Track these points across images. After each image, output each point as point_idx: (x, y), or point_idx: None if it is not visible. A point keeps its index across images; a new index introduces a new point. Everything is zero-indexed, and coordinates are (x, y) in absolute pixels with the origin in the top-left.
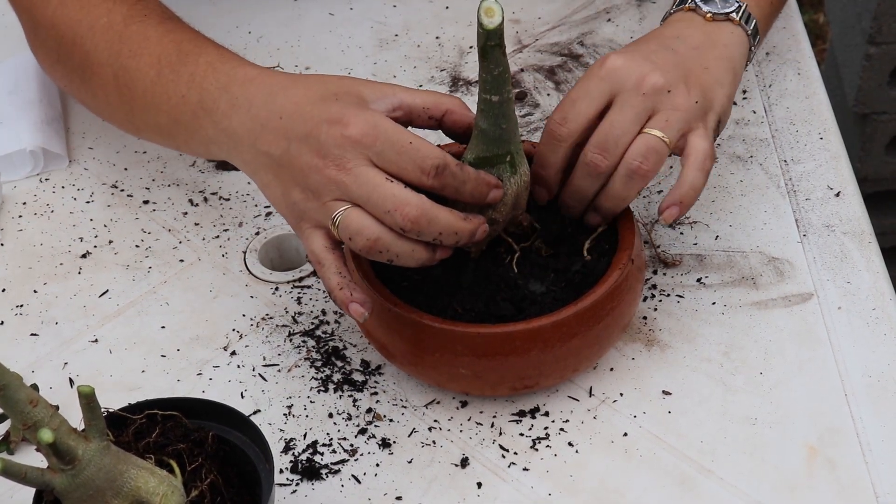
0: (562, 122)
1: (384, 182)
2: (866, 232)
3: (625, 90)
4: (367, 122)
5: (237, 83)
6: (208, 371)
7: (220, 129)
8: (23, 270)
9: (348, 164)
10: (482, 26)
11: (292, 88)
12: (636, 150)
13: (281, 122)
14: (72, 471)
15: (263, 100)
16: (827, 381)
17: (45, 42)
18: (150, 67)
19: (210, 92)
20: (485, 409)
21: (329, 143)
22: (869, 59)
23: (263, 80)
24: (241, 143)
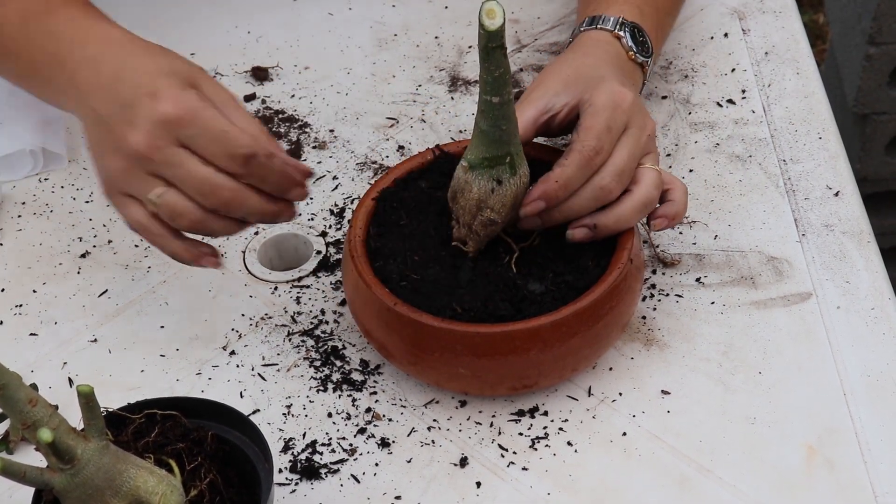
0: (599, 150)
1: (197, 166)
2: (865, 232)
3: (634, 126)
4: (183, 105)
5: (93, 40)
6: (207, 371)
7: (68, 80)
8: (22, 270)
9: (160, 143)
10: (483, 28)
11: (140, 57)
12: (650, 181)
13: (115, 85)
14: (71, 470)
15: (110, 60)
16: (826, 380)
17: None
18: (16, 15)
19: (66, 44)
20: (484, 409)
21: (143, 116)
22: (869, 59)
23: (118, 42)
24: (82, 98)
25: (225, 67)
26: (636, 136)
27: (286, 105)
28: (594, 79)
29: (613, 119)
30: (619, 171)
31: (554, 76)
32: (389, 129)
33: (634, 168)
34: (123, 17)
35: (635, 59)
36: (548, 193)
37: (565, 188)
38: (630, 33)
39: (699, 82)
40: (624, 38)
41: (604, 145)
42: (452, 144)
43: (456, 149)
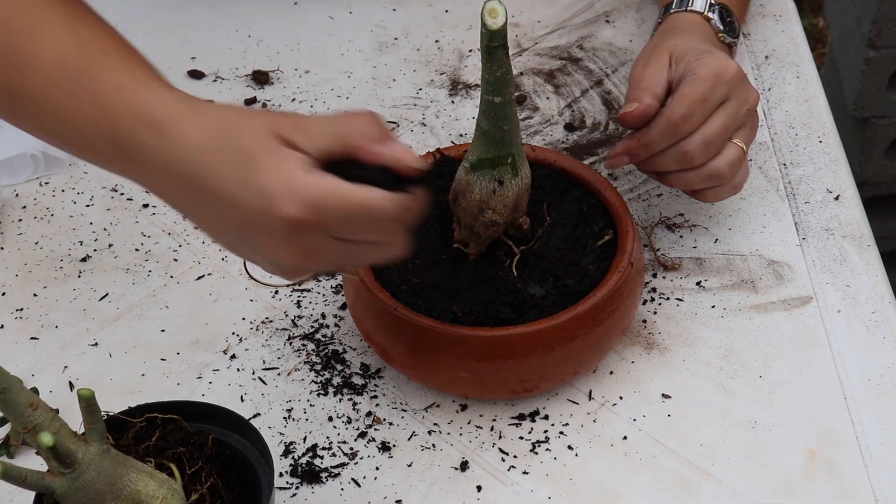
0: (687, 118)
1: (356, 251)
2: (865, 235)
3: (735, 99)
4: (304, 203)
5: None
6: (208, 374)
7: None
8: (23, 274)
9: (306, 248)
10: (486, 27)
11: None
12: (727, 158)
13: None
14: (72, 474)
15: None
16: (826, 384)
17: None
18: (49, 63)
19: (124, 128)
20: (484, 413)
21: (280, 229)
22: (869, 62)
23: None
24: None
25: (226, 71)
26: (734, 108)
27: (287, 109)
28: (700, 51)
29: (712, 91)
30: (706, 140)
31: (656, 59)
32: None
33: (725, 140)
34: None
35: (723, 41)
36: (630, 150)
37: (646, 148)
38: (719, 14)
39: None
40: (713, 19)
41: (694, 114)
42: (453, 148)
43: (456, 152)
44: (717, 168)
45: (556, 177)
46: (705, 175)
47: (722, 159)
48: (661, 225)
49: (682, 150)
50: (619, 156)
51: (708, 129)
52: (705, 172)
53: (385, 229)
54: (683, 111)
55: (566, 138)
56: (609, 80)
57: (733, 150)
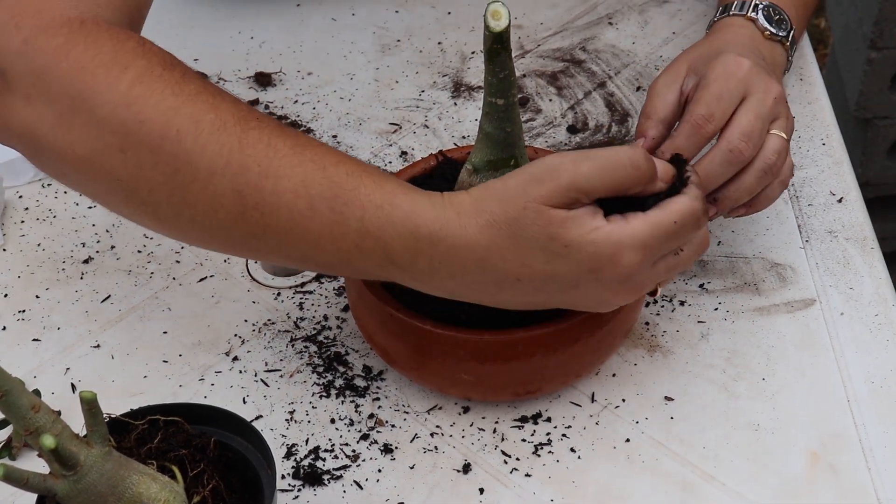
0: (709, 118)
1: (679, 259)
2: (868, 237)
3: (757, 92)
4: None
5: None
6: (210, 376)
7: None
8: (25, 275)
9: (643, 280)
10: (489, 29)
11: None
12: (772, 147)
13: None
14: (74, 476)
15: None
16: (829, 386)
17: (104, 122)
18: (297, 197)
19: (397, 247)
20: (487, 415)
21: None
22: (870, 63)
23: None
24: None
25: (228, 73)
26: (759, 100)
27: (289, 111)
28: (713, 56)
29: (726, 87)
30: (745, 132)
31: (671, 71)
32: (392, 135)
33: (765, 130)
34: None
35: (773, 38)
36: None
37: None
38: (764, 14)
39: None
40: (757, 18)
41: (714, 112)
42: (455, 150)
43: (459, 154)
44: (767, 158)
45: None
46: (759, 169)
47: (768, 149)
48: None
49: (726, 149)
50: None
51: (742, 121)
52: (758, 166)
53: (697, 226)
54: (703, 111)
55: (569, 140)
56: (612, 82)
57: (775, 140)
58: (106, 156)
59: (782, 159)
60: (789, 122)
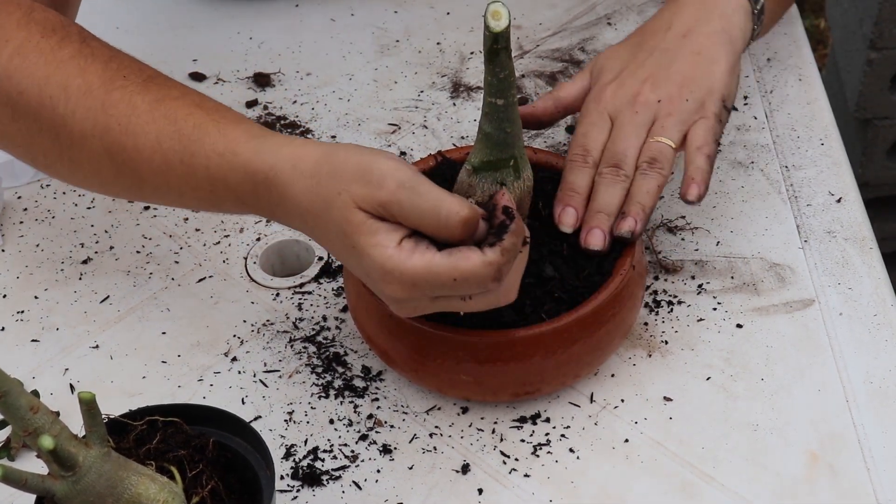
0: (585, 153)
1: (465, 304)
2: (867, 238)
3: (622, 112)
4: (402, 284)
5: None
6: (209, 377)
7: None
8: (24, 276)
9: (419, 308)
10: (489, 29)
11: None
12: (644, 155)
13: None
14: (72, 477)
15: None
16: (828, 387)
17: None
18: (153, 153)
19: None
20: (486, 415)
21: (388, 298)
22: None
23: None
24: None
25: (227, 73)
26: (623, 122)
27: (288, 111)
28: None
29: (590, 120)
30: (608, 160)
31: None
32: (391, 135)
33: (636, 146)
34: (127, 23)
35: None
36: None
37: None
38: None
39: None
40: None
41: (586, 146)
42: (454, 150)
43: (458, 155)
44: (641, 167)
45: (558, 179)
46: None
47: (641, 157)
48: (663, 227)
49: (601, 178)
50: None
51: (608, 152)
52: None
53: (483, 287)
54: (577, 150)
55: (568, 141)
56: None
57: (647, 147)
58: (4, 125)
59: (660, 159)
60: (669, 118)
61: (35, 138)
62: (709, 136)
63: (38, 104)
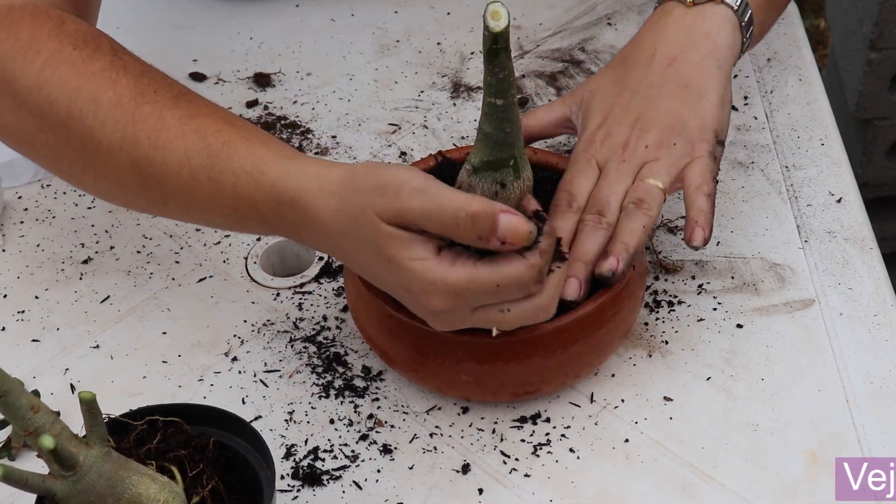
0: (570, 199)
1: (504, 315)
2: (868, 238)
3: (610, 160)
4: (446, 295)
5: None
6: (209, 377)
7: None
8: (24, 276)
9: (458, 320)
10: (488, 29)
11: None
12: (630, 196)
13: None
14: (73, 477)
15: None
16: (828, 387)
17: (24, 105)
18: (181, 167)
19: (268, 212)
20: (486, 415)
21: (431, 311)
22: (870, 64)
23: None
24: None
25: (227, 74)
26: (609, 171)
27: (288, 111)
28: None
29: (578, 169)
30: (591, 207)
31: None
32: (392, 136)
33: (615, 196)
34: (127, 23)
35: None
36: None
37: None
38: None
39: None
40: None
41: (572, 192)
42: (454, 150)
43: (458, 155)
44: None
45: (557, 179)
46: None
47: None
48: (663, 227)
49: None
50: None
51: (592, 200)
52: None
53: (525, 291)
54: (563, 197)
55: (568, 141)
56: None
57: (633, 189)
58: (31, 135)
59: (646, 199)
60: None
61: (62, 149)
62: (706, 175)
63: (67, 115)
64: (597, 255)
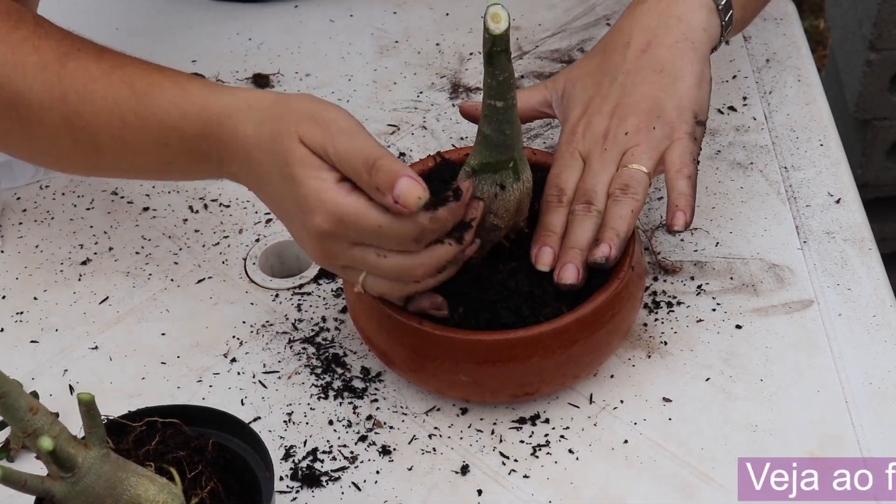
0: (560, 193)
1: (378, 260)
2: (867, 238)
3: (592, 150)
4: (331, 216)
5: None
6: (208, 378)
7: (216, 169)
8: (23, 277)
9: (333, 251)
10: (488, 31)
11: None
12: (616, 183)
13: (267, 195)
14: (72, 478)
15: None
16: (827, 387)
17: None
18: (111, 115)
19: (192, 134)
20: (485, 416)
21: (312, 233)
22: (869, 64)
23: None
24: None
25: (226, 74)
26: (594, 160)
27: None
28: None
29: (563, 163)
30: (579, 198)
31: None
32: (391, 136)
33: (601, 186)
34: (126, 24)
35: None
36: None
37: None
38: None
39: None
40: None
41: (560, 186)
42: (453, 151)
43: (457, 156)
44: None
45: None
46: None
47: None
48: (662, 228)
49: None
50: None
51: (579, 191)
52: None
53: (403, 245)
54: (552, 191)
55: None
56: None
57: (617, 175)
58: None
59: (632, 185)
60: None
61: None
62: (685, 157)
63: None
64: (590, 241)
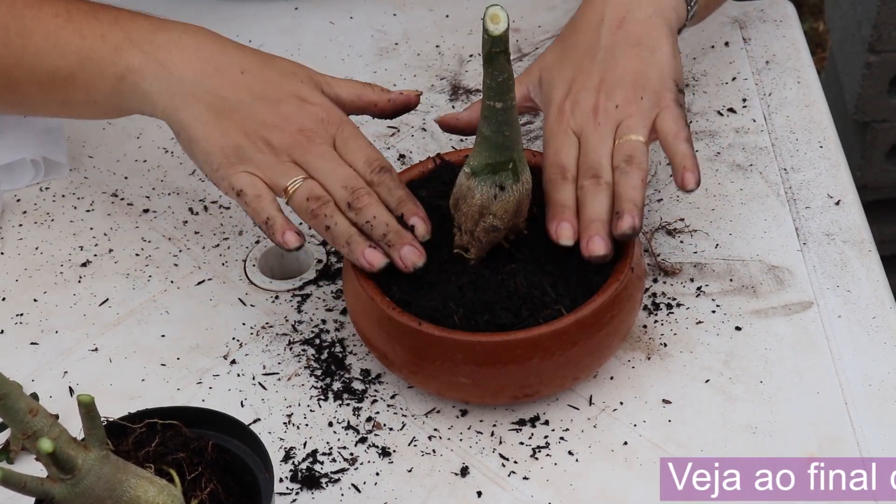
0: (563, 170)
1: (343, 164)
2: (866, 240)
3: (585, 126)
4: (332, 109)
5: (176, 29)
6: (208, 380)
7: (151, 58)
8: (23, 279)
9: (316, 139)
10: (488, 33)
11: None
12: (618, 156)
13: (243, 76)
14: (71, 480)
15: (217, 50)
16: (827, 389)
17: None
18: (56, 16)
19: (142, 29)
20: (485, 418)
21: (299, 114)
22: (869, 67)
23: (208, 36)
24: (179, 77)
25: None
26: (588, 137)
27: None
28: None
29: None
30: (585, 172)
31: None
32: (390, 138)
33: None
34: None
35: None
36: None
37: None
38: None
39: (700, 91)
40: None
41: (562, 164)
42: (453, 153)
43: (457, 157)
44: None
45: None
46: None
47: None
48: (662, 230)
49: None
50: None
51: (582, 166)
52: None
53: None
54: (553, 172)
55: None
56: None
57: (618, 148)
58: None
59: (635, 156)
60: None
61: None
62: (679, 121)
63: None
64: (608, 213)
